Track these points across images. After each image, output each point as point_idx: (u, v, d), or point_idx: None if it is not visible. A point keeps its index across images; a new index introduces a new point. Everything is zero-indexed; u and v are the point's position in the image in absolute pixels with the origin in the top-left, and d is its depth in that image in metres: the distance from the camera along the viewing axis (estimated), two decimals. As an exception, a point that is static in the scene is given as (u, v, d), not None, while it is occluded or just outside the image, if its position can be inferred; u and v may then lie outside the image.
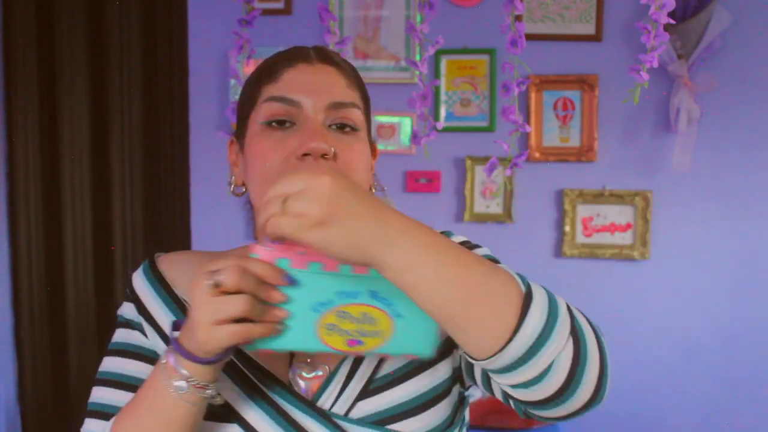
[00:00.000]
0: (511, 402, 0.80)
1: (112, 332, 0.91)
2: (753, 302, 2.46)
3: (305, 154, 0.81)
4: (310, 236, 0.65)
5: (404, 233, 0.67)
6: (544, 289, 0.72)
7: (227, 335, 0.69)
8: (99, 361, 0.89)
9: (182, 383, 0.73)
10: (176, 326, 0.76)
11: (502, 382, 0.72)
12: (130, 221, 2.74)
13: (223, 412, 0.83)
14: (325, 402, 0.84)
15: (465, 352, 0.73)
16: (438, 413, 0.86)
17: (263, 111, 0.86)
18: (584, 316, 0.74)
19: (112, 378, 0.87)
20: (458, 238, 0.94)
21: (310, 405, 0.83)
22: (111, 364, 0.88)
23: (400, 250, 0.67)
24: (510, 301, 0.69)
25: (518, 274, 0.73)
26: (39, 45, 2.68)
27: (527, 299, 0.69)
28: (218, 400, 0.77)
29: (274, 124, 0.85)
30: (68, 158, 2.70)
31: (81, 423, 0.86)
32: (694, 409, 2.49)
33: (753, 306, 2.47)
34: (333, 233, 0.65)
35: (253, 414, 0.83)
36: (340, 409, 0.84)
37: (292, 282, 0.71)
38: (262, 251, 0.72)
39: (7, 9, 2.67)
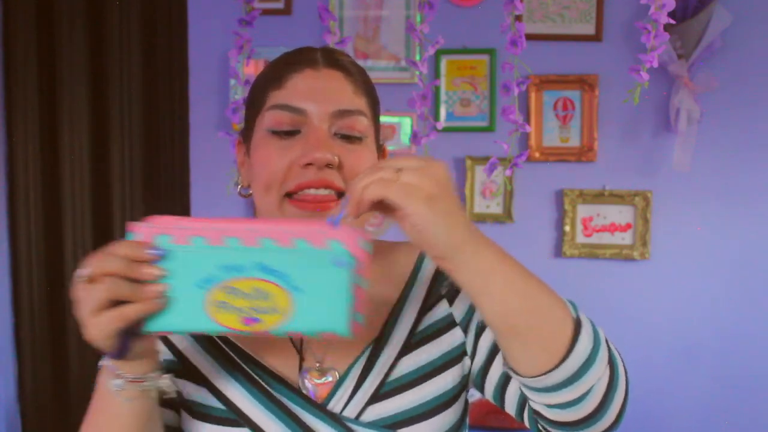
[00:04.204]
0: (525, 417, 0.83)
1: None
2: (753, 302, 2.46)
3: (309, 164, 0.81)
4: (417, 206, 0.66)
5: (486, 242, 0.71)
6: (587, 317, 0.76)
7: (105, 322, 0.67)
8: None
9: (118, 381, 0.74)
10: None
11: (541, 401, 0.75)
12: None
13: (233, 417, 0.83)
14: (335, 406, 0.84)
15: (511, 368, 0.76)
16: (447, 418, 0.87)
17: (269, 118, 0.86)
18: (612, 345, 0.78)
19: None
20: None
21: (320, 408, 0.83)
22: None
23: (483, 254, 0.70)
24: (566, 323, 0.73)
25: (568, 300, 0.76)
26: (39, 45, 2.67)
27: (578, 324, 0.73)
28: (171, 394, 0.77)
29: (279, 132, 0.85)
30: (68, 158, 2.70)
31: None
32: (694, 409, 2.49)
33: (753, 306, 2.46)
34: (438, 212, 0.67)
35: (263, 418, 0.83)
36: (350, 412, 0.84)
37: (162, 255, 0.67)
38: (140, 228, 0.69)
39: (7, 9, 2.66)
